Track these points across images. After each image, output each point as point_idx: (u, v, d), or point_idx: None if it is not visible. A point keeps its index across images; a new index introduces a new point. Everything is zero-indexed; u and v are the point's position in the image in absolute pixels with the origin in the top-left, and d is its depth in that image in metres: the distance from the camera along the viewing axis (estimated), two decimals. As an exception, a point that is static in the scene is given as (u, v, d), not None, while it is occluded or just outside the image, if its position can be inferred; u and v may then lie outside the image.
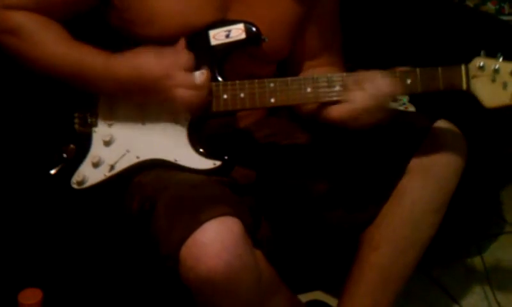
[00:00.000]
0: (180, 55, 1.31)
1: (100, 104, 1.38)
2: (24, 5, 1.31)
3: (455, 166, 1.44)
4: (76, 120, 1.38)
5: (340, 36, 1.55)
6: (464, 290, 1.90)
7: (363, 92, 1.29)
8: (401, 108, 1.91)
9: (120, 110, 1.37)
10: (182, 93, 1.28)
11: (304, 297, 1.68)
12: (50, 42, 1.32)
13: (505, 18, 2.05)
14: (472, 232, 2.01)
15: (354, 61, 1.56)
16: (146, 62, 1.30)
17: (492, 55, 1.31)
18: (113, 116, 1.37)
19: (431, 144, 1.43)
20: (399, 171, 1.44)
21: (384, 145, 1.47)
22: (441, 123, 1.46)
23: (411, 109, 1.91)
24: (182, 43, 1.33)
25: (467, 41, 1.55)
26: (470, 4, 2.06)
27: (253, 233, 1.25)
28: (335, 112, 1.32)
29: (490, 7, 2.05)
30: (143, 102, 1.35)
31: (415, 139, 1.44)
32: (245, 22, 1.35)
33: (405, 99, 1.93)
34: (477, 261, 1.97)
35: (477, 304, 1.86)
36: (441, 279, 1.92)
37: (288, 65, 1.51)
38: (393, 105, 1.91)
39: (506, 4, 2.05)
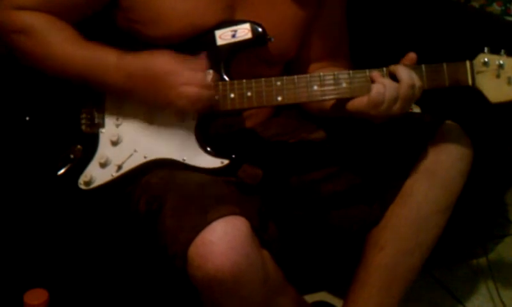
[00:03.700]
0: (194, 59, 1.31)
1: (107, 105, 1.38)
2: (34, 6, 1.32)
3: (461, 167, 1.44)
4: (83, 121, 1.38)
5: (348, 39, 1.55)
6: (469, 291, 1.90)
7: (390, 81, 1.28)
8: (406, 109, 1.90)
9: (127, 110, 1.37)
10: (189, 90, 1.27)
11: (309, 298, 1.68)
12: (60, 40, 1.32)
13: (510, 19, 2.05)
14: (477, 233, 2.00)
15: (359, 59, 1.56)
16: (159, 58, 1.30)
17: (496, 52, 1.33)
18: (120, 116, 1.37)
19: (437, 145, 1.43)
20: (404, 172, 1.44)
21: (390, 146, 1.47)
22: (446, 125, 1.47)
23: (417, 110, 1.91)
24: (202, 55, 1.33)
25: (473, 42, 1.55)
26: (476, 4, 2.06)
27: (260, 233, 1.26)
28: (365, 99, 1.29)
29: (496, 8, 2.05)
30: (152, 102, 1.34)
31: (420, 140, 1.44)
32: (251, 22, 1.36)
33: (410, 100, 1.92)
34: (482, 262, 1.97)
35: (482, 306, 1.86)
36: (446, 281, 1.91)
37: (295, 67, 1.51)
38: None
39: (512, 5, 2.06)
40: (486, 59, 1.31)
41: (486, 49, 1.33)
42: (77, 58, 1.31)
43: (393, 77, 1.30)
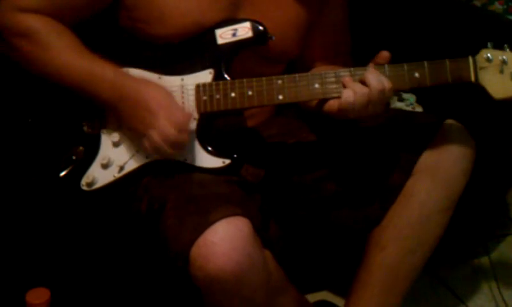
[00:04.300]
0: (180, 112, 1.30)
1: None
2: (36, 8, 1.31)
3: (463, 166, 1.44)
4: (85, 122, 1.38)
5: (350, 38, 1.55)
6: (471, 291, 1.89)
7: (366, 84, 1.29)
8: (408, 108, 1.90)
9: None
10: (154, 137, 1.27)
11: (311, 297, 1.68)
12: (61, 48, 1.31)
13: (512, 17, 2.05)
14: (479, 232, 2.00)
15: (361, 58, 1.56)
16: (154, 91, 1.30)
17: (499, 48, 1.31)
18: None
19: (439, 144, 1.43)
20: (406, 171, 1.44)
21: (392, 145, 1.47)
22: (449, 123, 1.46)
23: (419, 109, 1.91)
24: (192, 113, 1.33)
25: (474, 40, 1.54)
26: (478, 3, 2.05)
27: (262, 232, 1.26)
28: (337, 103, 1.30)
29: (497, 6, 2.04)
30: (127, 125, 1.34)
31: (422, 139, 1.44)
32: (252, 21, 1.36)
33: (412, 99, 1.92)
34: (484, 261, 1.96)
35: (484, 305, 1.86)
36: (448, 280, 1.91)
37: (298, 66, 1.51)
38: (400, 105, 1.91)
39: (514, 4, 2.05)
40: (489, 55, 1.30)
41: (489, 44, 1.31)
42: (74, 67, 1.31)
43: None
